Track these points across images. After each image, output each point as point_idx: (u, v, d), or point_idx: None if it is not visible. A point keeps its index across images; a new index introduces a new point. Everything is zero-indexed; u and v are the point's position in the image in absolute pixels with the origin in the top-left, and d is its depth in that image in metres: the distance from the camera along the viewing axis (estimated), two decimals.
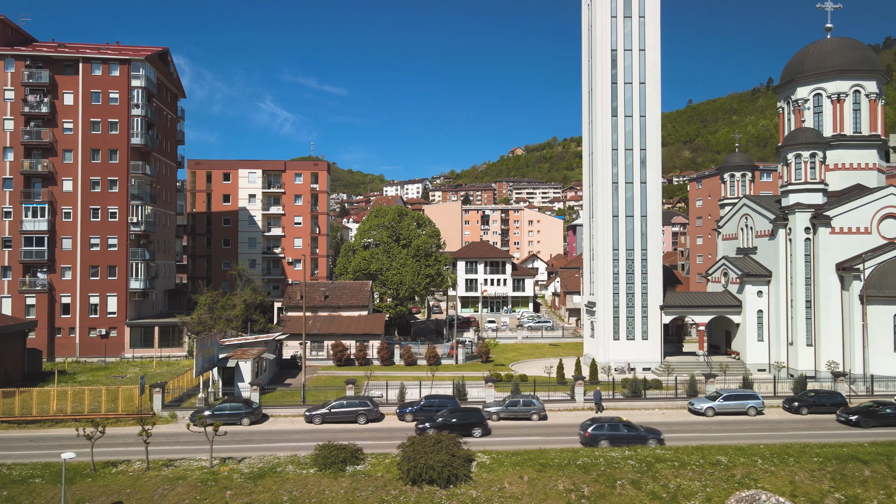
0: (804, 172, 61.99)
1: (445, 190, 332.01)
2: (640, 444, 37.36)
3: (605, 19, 66.86)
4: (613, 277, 66.81)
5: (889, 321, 57.57)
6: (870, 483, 32.99)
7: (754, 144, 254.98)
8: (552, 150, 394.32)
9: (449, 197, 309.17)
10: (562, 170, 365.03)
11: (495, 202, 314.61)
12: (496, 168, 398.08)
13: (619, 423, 38.74)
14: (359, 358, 69.42)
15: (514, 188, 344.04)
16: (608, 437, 37.74)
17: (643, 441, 37.87)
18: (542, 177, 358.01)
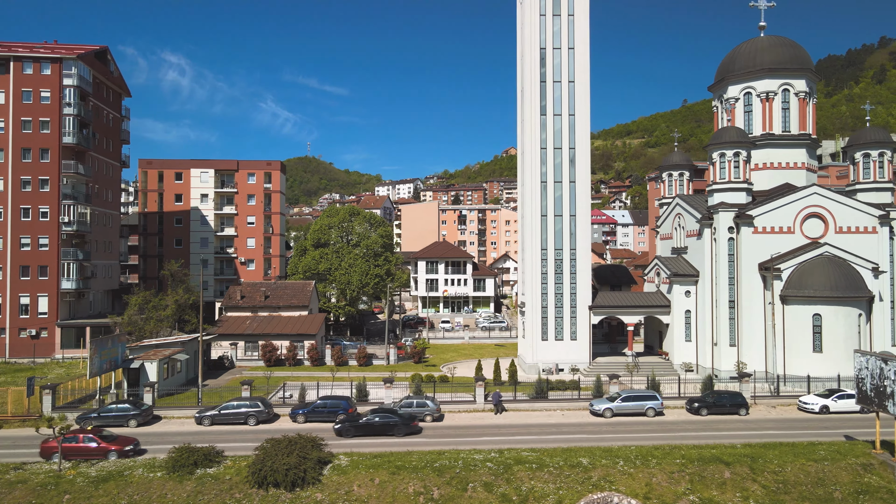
0: (728, 172, 61.59)
1: (436, 190, 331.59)
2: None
3: (534, 17, 66.43)
4: (542, 277, 66.39)
5: (808, 321, 57.18)
6: (728, 485, 32.58)
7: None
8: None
9: (439, 197, 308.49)
10: None
11: (486, 202, 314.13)
12: (489, 168, 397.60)
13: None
14: (289, 358, 68.93)
15: (505, 188, 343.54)
16: None
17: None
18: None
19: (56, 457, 33.99)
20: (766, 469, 33.52)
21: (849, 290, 56.25)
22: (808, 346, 56.90)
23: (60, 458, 33.47)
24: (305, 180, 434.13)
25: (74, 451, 34.82)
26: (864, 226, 60.21)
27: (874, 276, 58.38)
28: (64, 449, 34.08)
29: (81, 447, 35.04)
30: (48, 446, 35.03)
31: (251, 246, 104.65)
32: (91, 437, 35.61)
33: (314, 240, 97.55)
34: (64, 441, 33.97)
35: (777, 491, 32.33)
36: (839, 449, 35.62)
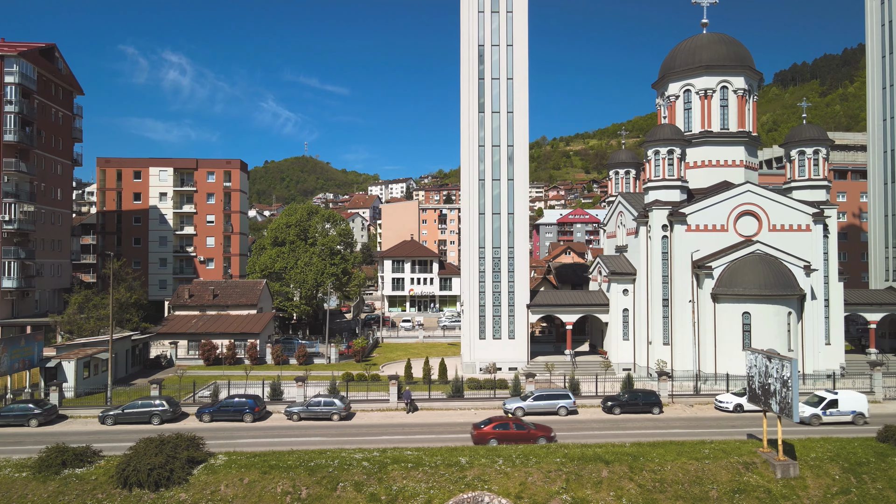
0: (663, 169, 61.26)
1: (429, 189, 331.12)
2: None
3: (472, 14, 66.05)
4: (479, 276, 66.03)
5: (738, 320, 56.84)
6: (604, 484, 32.21)
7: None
8: (540, 149, 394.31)
9: (431, 196, 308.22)
10: (548, 169, 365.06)
11: None
12: None
13: None
14: (228, 357, 68.51)
15: None
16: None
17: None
18: (530, 176, 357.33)
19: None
20: (645, 468, 33.14)
21: (778, 289, 55.89)
22: (738, 345, 56.51)
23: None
24: (302, 180, 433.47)
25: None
26: (798, 224, 59.92)
27: (806, 275, 58.05)
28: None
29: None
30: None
31: (211, 245, 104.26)
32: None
33: (272, 238, 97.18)
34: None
35: (653, 490, 31.97)
36: (725, 448, 35.24)
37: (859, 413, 43.21)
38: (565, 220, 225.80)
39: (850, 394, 44.60)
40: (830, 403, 43.38)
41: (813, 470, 33.38)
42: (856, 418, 43.06)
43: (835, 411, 43.07)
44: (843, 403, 43.37)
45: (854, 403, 43.53)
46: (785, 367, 32.96)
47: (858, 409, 43.31)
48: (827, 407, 43.26)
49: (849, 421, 42.83)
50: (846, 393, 44.64)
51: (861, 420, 42.99)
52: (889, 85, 69.81)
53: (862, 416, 43.17)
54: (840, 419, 42.88)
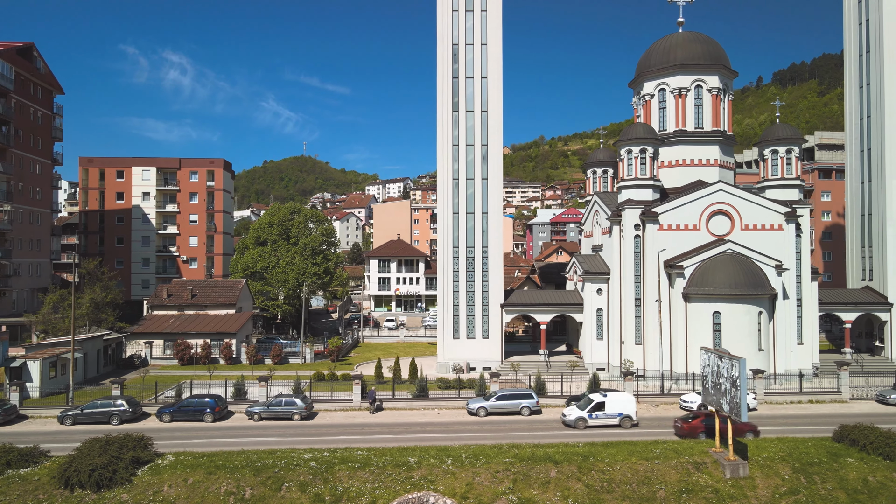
0: (635, 168, 61.10)
1: (426, 189, 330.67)
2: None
3: (446, 12, 65.83)
4: (453, 275, 65.86)
5: (708, 319, 56.69)
6: (551, 484, 32.05)
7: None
8: (538, 149, 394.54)
9: (428, 196, 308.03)
10: (546, 169, 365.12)
11: None
12: None
13: None
14: (202, 357, 68.30)
15: None
16: None
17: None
18: (527, 176, 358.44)
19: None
20: (594, 468, 32.99)
21: (749, 288, 55.75)
22: (709, 344, 56.29)
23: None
24: (301, 179, 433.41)
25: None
26: (770, 223, 59.76)
27: (777, 274, 57.90)
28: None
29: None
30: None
31: (194, 244, 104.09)
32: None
33: (255, 238, 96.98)
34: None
35: (600, 490, 31.81)
36: (678, 448, 35.08)
37: (626, 416, 41.56)
38: (558, 219, 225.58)
39: (619, 396, 42.84)
40: (597, 406, 41.78)
41: (763, 470, 33.21)
42: (622, 421, 41.49)
43: (601, 414, 41.52)
44: (610, 406, 41.76)
45: (621, 406, 41.84)
46: (734, 367, 32.82)
47: (626, 411, 41.64)
48: (594, 410, 41.73)
49: (615, 424, 41.36)
50: (615, 395, 42.85)
51: (628, 423, 41.40)
52: (866, 84, 69.61)
53: (629, 419, 41.59)
54: (607, 422, 41.37)
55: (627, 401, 42.35)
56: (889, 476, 33.10)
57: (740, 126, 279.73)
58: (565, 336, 75.59)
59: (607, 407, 41.78)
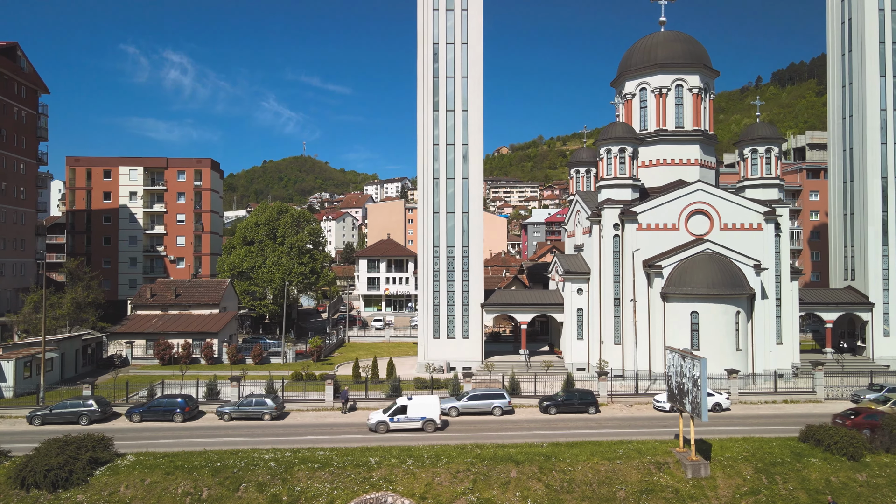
0: (614, 168, 60.96)
1: None
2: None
3: (427, 12, 65.71)
4: (434, 275, 65.73)
5: (686, 319, 56.54)
6: (511, 484, 31.93)
7: (735, 143, 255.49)
8: (537, 149, 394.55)
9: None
10: (544, 168, 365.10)
11: None
12: None
13: None
14: (183, 357, 68.17)
15: (492, 187, 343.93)
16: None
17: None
18: (525, 176, 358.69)
19: None
20: (555, 468, 32.87)
21: (727, 288, 55.59)
22: (687, 344, 56.20)
23: None
24: (300, 179, 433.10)
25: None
26: (749, 223, 59.59)
27: (756, 274, 57.72)
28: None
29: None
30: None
31: (181, 244, 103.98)
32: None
33: (242, 237, 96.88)
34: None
35: (560, 490, 31.69)
36: (641, 448, 34.97)
37: (429, 420, 40.65)
38: (553, 219, 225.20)
39: (423, 399, 41.77)
40: (399, 410, 40.93)
41: (725, 470, 33.09)
42: (425, 425, 40.57)
43: (403, 418, 40.68)
44: (413, 410, 40.82)
45: (424, 410, 40.86)
46: (695, 367, 32.69)
47: (429, 415, 40.77)
48: (396, 413, 40.85)
49: (418, 427, 40.36)
50: (419, 399, 41.81)
51: (431, 427, 40.53)
52: (848, 83, 69.49)
53: (432, 423, 40.61)
54: (409, 426, 40.46)
55: (431, 404, 41.19)
56: (852, 476, 32.99)
57: (738, 126, 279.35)
58: (549, 336, 75.45)
59: (410, 411, 40.80)
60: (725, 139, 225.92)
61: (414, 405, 41.09)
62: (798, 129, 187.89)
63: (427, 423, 40.72)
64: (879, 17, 66.49)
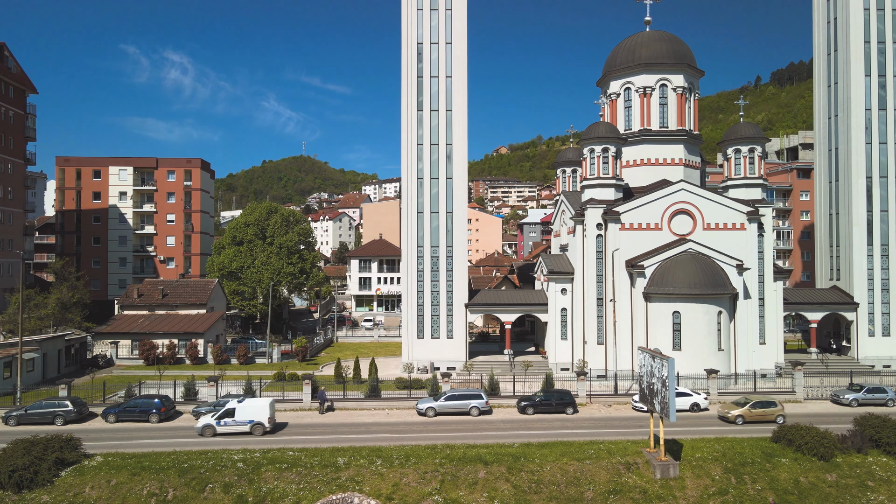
0: (597, 167, 60.90)
1: None
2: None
3: (411, 11, 65.60)
4: (418, 275, 65.63)
5: (668, 319, 56.49)
6: (479, 485, 31.86)
7: (719, 143, 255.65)
8: (536, 149, 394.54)
9: None
10: (543, 168, 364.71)
11: (470, 201, 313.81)
12: (479, 167, 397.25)
13: None
14: (168, 357, 68.10)
15: (490, 187, 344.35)
16: None
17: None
18: (524, 176, 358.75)
19: None
20: (524, 468, 32.79)
21: (708, 288, 55.51)
22: (668, 344, 56.17)
23: None
24: (300, 179, 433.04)
25: None
26: (732, 222, 59.54)
27: (738, 273, 57.70)
28: None
29: None
30: None
31: (171, 244, 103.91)
32: None
33: (231, 237, 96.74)
34: None
35: (528, 491, 31.61)
36: (612, 448, 34.89)
37: (257, 423, 39.69)
38: (548, 219, 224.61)
39: (253, 402, 40.89)
40: (227, 413, 39.94)
41: (695, 470, 33.01)
42: (253, 428, 39.57)
43: (230, 421, 39.62)
44: (241, 413, 39.88)
45: (253, 413, 39.97)
46: (663, 367, 32.61)
47: (257, 418, 39.83)
48: (223, 417, 39.74)
49: (247, 431, 39.27)
50: (249, 402, 40.89)
51: (260, 430, 39.53)
52: (833, 83, 69.39)
53: (261, 426, 39.63)
54: (237, 429, 39.33)
55: (261, 407, 40.28)
56: (821, 477, 32.91)
57: None
58: (536, 336, 75.36)
59: (237, 414, 39.89)
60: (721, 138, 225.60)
61: (242, 408, 40.02)
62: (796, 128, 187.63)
63: (255, 426, 39.57)
64: (864, 16, 66.39)
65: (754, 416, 42.39)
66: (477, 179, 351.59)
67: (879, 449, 34.94)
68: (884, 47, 66.39)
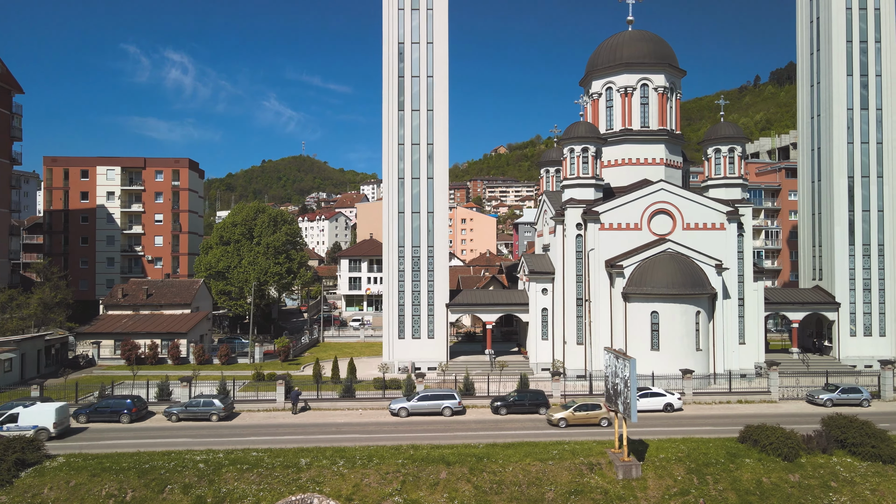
0: (577, 167, 60.80)
1: None
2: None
3: (392, 11, 65.53)
4: (399, 275, 65.52)
5: (647, 319, 56.39)
6: (440, 485, 31.78)
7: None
8: (534, 148, 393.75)
9: None
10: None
11: (468, 201, 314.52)
12: (477, 167, 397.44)
13: None
14: (149, 357, 68.05)
15: (488, 187, 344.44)
16: None
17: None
18: (522, 175, 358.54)
19: None
20: (486, 469, 32.72)
21: (687, 288, 55.40)
22: (647, 344, 56.13)
23: None
24: (299, 179, 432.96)
25: None
26: (712, 222, 59.45)
27: (717, 273, 57.61)
28: None
29: None
30: None
31: (159, 244, 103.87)
32: None
33: (219, 237, 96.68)
34: None
35: (489, 491, 31.54)
36: (576, 448, 34.82)
37: (42, 428, 38.11)
38: None
39: (38, 408, 39.45)
40: (10, 418, 38.24)
41: (657, 471, 32.93)
42: (38, 433, 37.62)
43: (13, 426, 37.77)
44: (25, 418, 38.40)
45: (37, 418, 38.47)
46: (625, 367, 32.55)
47: (41, 423, 38.18)
48: (5, 422, 38.07)
49: (30, 437, 35.64)
50: (35, 407, 39.51)
51: (45, 435, 37.78)
52: (816, 82, 69.28)
53: (45, 431, 38.06)
54: (20, 434, 36.36)
55: (45, 412, 38.97)
56: (784, 477, 32.83)
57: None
58: (519, 336, 75.25)
59: (21, 419, 38.46)
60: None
61: (26, 413, 38.88)
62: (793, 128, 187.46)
63: (40, 431, 38.13)
64: (847, 15, 66.30)
65: (577, 419, 41.80)
66: (475, 179, 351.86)
67: (845, 449, 34.86)
68: (866, 46, 66.34)
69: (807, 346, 70.59)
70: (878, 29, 66.28)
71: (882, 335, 65.37)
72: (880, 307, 65.48)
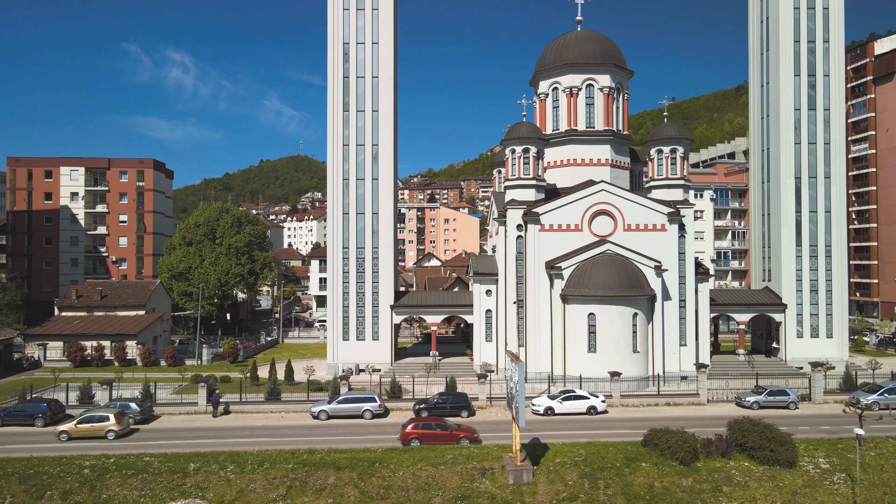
0: (518, 168, 60.46)
1: (413, 189, 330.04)
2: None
3: (337, 11, 65.22)
4: (343, 276, 65.23)
5: (584, 320, 56.06)
6: (326, 490, 31.45)
7: (729, 141, 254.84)
8: None
9: (415, 196, 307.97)
10: None
11: (461, 200, 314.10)
12: (472, 166, 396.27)
13: None
14: (95, 359, 67.71)
15: (482, 186, 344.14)
16: None
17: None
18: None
19: None
20: (376, 474, 32.38)
21: (624, 289, 55.07)
22: (584, 346, 55.82)
23: None
24: (297, 179, 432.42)
25: None
26: (653, 223, 59.11)
27: (657, 275, 57.26)
28: None
29: None
30: None
31: (123, 245, 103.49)
32: None
33: (182, 238, 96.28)
34: None
35: (375, 497, 31.21)
36: (472, 453, 34.46)
37: None
38: None
39: None
40: None
41: (549, 475, 32.59)
42: None
43: None
44: None
45: None
46: (515, 372, 32.23)
47: None
48: None
49: None
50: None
51: None
52: (766, 83, 68.96)
53: None
54: None
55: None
56: (677, 481, 32.49)
57: (731, 125, 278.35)
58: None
59: None
60: (716, 137, 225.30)
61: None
62: None
63: None
64: (794, 15, 65.99)
65: (80, 431, 39.31)
66: (469, 179, 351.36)
67: (745, 453, 34.51)
68: (814, 47, 66.03)
69: (758, 348, 70.35)
70: (827, 29, 65.95)
71: (829, 336, 65.06)
72: (827, 308, 65.16)
